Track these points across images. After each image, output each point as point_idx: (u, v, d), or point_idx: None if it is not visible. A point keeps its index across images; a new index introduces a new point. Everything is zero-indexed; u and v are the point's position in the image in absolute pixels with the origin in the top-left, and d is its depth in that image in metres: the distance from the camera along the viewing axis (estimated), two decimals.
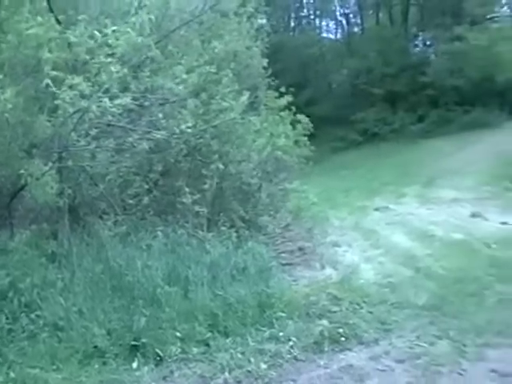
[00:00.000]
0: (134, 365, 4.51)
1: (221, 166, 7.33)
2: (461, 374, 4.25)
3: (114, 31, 5.55)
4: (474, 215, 10.44)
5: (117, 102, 5.37)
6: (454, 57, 24.25)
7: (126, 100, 5.52)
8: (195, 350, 4.71)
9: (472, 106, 23.22)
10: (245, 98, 8.01)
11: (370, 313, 5.54)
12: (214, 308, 5.22)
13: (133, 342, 4.68)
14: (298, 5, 35.66)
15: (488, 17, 26.76)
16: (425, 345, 4.77)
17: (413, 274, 6.97)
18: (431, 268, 7.13)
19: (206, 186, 7.29)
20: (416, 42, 31.13)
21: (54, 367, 4.40)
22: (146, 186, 7.19)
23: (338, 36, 35.69)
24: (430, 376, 4.24)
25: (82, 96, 5.36)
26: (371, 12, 32.56)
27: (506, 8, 29.95)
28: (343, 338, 4.91)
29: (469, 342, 4.75)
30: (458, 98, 24.00)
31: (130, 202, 7.04)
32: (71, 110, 5.50)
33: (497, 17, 27.90)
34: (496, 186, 12.87)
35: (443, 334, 4.96)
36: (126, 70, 5.62)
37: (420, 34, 30.50)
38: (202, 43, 8.41)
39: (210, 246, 6.55)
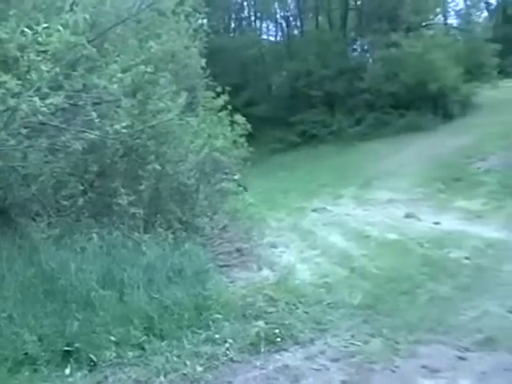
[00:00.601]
0: (67, 371, 4.40)
1: (158, 167, 7.26)
2: (393, 371, 4.36)
3: (45, 28, 5.39)
4: (408, 216, 10.79)
5: (48, 101, 5.22)
6: (389, 62, 25.12)
7: (57, 99, 5.37)
8: (130, 354, 4.64)
9: (407, 110, 24.01)
10: (182, 98, 7.98)
11: (306, 313, 5.60)
12: (149, 311, 5.15)
13: (65, 348, 4.56)
14: (238, 6, 35.86)
15: (423, 24, 27.78)
16: (359, 343, 4.86)
17: (348, 273, 7.11)
18: (366, 268, 7.30)
19: (143, 187, 7.20)
20: (354, 47, 31.89)
21: None
22: (81, 187, 7.02)
23: (278, 38, 36.18)
24: (363, 374, 4.34)
25: (12, 95, 5.19)
26: (311, 15, 33.17)
27: (440, 16, 31.23)
28: (279, 339, 4.94)
29: (401, 339, 4.88)
30: (393, 102, 24.73)
31: (65, 203, 6.86)
32: (0, 109, 5.30)
33: (431, 24, 28.99)
34: (429, 188, 13.37)
35: (377, 332, 5.07)
36: (58, 69, 5.46)
37: (358, 38, 31.21)
38: (139, 42, 8.29)
39: (146, 247, 6.46)
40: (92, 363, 4.48)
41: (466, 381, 4.17)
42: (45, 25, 5.48)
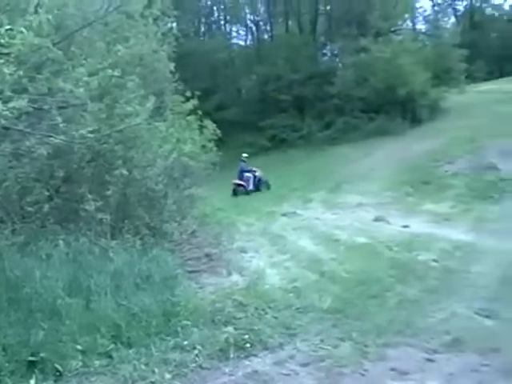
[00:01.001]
0: (32, 382, 4.28)
1: (125, 172, 7.20)
2: (363, 375, 4.39)
3: (8, 30, 5.29)
4: (377, 219, 10.91)
5: (11, 104, 5.12)
6: (359, 67, 25.47)
7: (21, 103, 5.27)
8: (97, 362, 4.56)
9: (376, 114, 24.39)
10: (151, 102, 7.94)
11: (275, 318, 5.60)
12: (117, 319, 5.08)
13: (30, 358, 4.44)
14: (208, 10, 35.88)
15: (392, 29, 28.21)
16: (328, 347, 4.88)
17: (318, 278, 7.14)
18: (335, 271, 7.35)
19: (110, 193, 7.12)
20: (324, 51, 32.21)
21: None
22: (47, 193, 6.92)
23: (248, 42, 36.38)
24: (333, 378, 4.35)
25: None
26: (281, 20, 33.38)
27: (408, 22, 31.80)
28: (248, 345, 4.92)
29: (370, 342, 4.92)
30: (363, 107, 25.08)
31: (30, 209, 6.75)
32: None
33: (400, 30, 29.48)
34: (398, 191, 13.56)
35: (346, 336, 5.10)
36: (21, 72, 5.37)
37: (328, 43, 31.53)
38: (107, 45, 8.21)
39: (113, 254, 6.40)
40: (58, 373, 4.39)
41: (434, 382, 4.22)
42: (8, 27, 5.38)
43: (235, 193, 18.32)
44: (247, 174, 18.94)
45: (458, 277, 6.86)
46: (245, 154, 19.87)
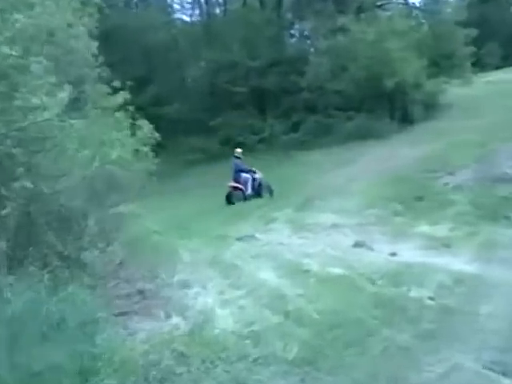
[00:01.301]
0: None
1: (29, 185, 7.04)
2: None
3: None
4: (357, 245, 10.90)
5: None
6: (336, 53, 25.60)
7: None
8: None
9: (357, 112, 24.67)
10: (65, 93, 7.81)
11: (227, 372, 5.56)
12: (11, 382, 4.94)
13: None
14: None
15: (378, 4, 28.58)
16: None
17: (281, 319, 7.08)
18: (304, 311, 7.29)
19: (7, 211, 6.96)
20: (292, 32, 32.40)
21: None
22: None
23: (195, 18, 36.34)
24: None
25: None
26: None
27: None
28: None
29: None
30: (340, 103, 25.30)
31: None
32: None
33: (388, 4, 29.82)
34: (383, 209, 13.57)
35: None
36: None
37: (297, 21, 31.75)
38: (1, 13, 8.05)
39: (11, 293, 6.23)
40: None
41: None
42: None
43: (230, 199, 18.34)
44: (245, 175, 18.98)
45: (461, 319, 6.82)
46: (239, 150, 19.85)
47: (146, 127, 10.35)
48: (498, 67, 31.94)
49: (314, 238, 12.11)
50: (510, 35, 36.26)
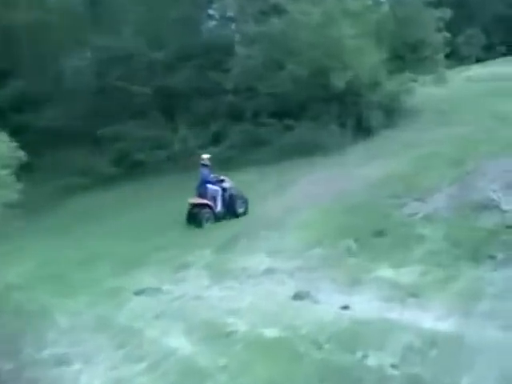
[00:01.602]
0: None
1: None
2: None
3: None
4: (298, 296, 10.94)
5: None
6: (269, 42, 25.52)
7: None
8: None
9: (297, 120, 24.73)
10: None
11: None
12: None
13: None
14: None
15: None
16: None
17: None
18: None
19: None
20: (210, 12, 32.40)
21: None
22: None
23: None
24: None
25: None
26: None
27: None
28: None
29: None
30: (274, 107, 25.34)
31: None
32: None
33: None
34: (333, 248, 13.64)
35: None
36: None
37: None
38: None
39: None
40: None
41: None
42: None
43: (193, 220, 18.33)
44: (212, 188, 19.07)
45: None
46: (206, 155, 19.73)
47: (4, 143, 9.99)
48: (479, 60, 32.68)
49: (241, 288, 12.17)
50: (495, 18, 36.97)
